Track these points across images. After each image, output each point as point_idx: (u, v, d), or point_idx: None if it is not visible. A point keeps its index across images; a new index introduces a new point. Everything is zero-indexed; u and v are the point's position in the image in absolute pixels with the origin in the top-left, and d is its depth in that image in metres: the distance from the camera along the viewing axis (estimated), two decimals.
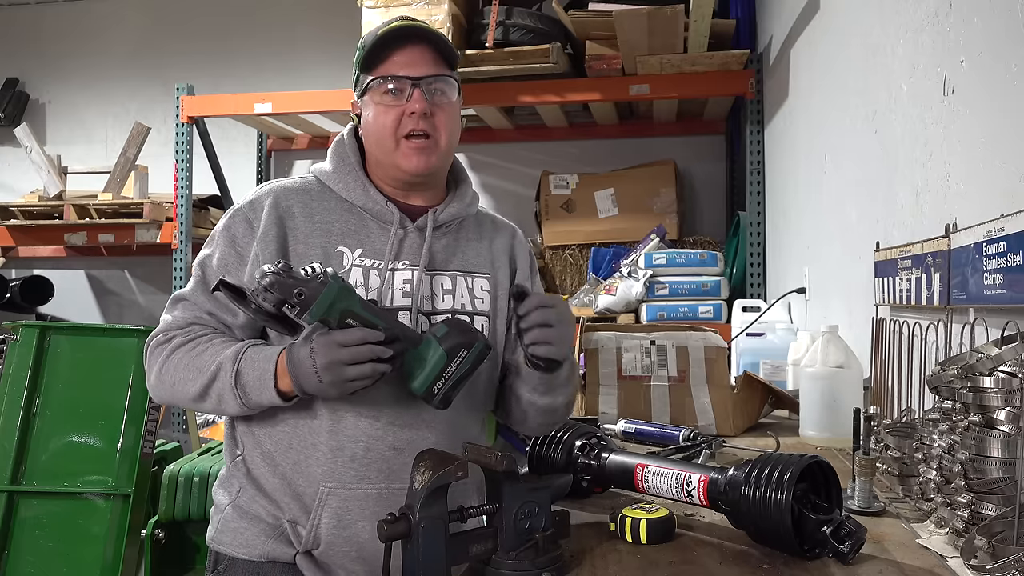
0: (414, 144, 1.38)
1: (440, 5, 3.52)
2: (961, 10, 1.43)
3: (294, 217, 1.39)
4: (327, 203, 1.43)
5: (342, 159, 1.46)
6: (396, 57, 1.37)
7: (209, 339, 1.35)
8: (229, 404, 1.31)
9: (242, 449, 1.42)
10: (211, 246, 1.43)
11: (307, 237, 1.39)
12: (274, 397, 1.28)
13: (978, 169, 1.37)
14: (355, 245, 1.39)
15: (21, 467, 2.83)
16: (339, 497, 1.34)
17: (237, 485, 1.42)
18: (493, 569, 1.04)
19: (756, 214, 3.65)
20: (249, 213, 1.40)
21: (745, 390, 1.99)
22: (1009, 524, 0.95)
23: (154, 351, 1.38)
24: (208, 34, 5.18)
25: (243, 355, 1.30)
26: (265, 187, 1.46)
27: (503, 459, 1.04)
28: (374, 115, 1.40)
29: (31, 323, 3.02)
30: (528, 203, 4.53)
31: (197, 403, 1.35)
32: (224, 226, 1.42)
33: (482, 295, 1.48)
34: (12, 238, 4.60)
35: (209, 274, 1.39)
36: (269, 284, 1.16)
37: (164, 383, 1.36)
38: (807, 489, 1.08)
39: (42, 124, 5.37)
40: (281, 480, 1.37)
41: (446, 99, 1.40)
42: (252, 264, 1.36)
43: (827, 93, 2.47)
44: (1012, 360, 1.02)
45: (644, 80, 3.67)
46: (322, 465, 1.34)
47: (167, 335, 1.37)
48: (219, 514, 1.43)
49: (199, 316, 1.39)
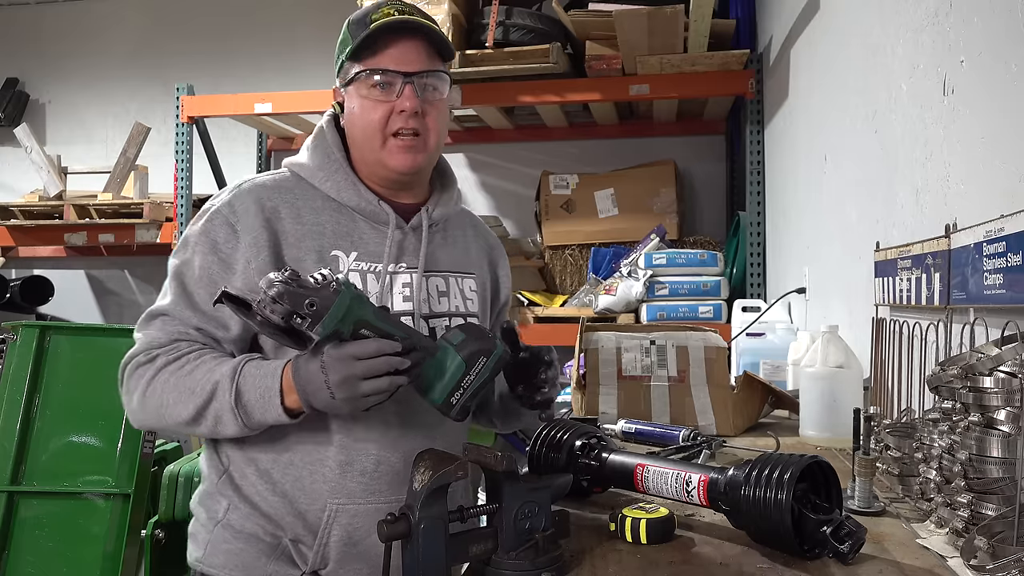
0: (402, 142, 1.30)
1: (440, 5, 3.52)
2: (961, 10, 1.43)
3: (281, 219, 1.29)
4: (313, 202, 1.33)
5: (327, 155, 1.36)
6: (388, 49, 1.29)
7: (198, 356, 1.24)
8: (228, 426, 1.20)
9: (228, 464, 1.33)
10: (186, 252, 1.30)
11: (298, 240, 1.29)
12: (280, 415, 1.18)
13: (978, 169, 1.36)
14: (349, 248, 1.31)
15: (21, 467, 2.83)
16: (349, 514, 1.28)
17: (225, 503, 1.32)
18: (493, 569, 1.04)
19: (756, 214, 3.65)
20: (230, 216, 1.28)
21: (745, 390, 1.99)
22: (1009, 524, 0.95)
23: (134, 373, 1.26)
24: (208, 34, 5.18)
25: (242, 371, 1.19)
26: (242, 186, 1.33)
27: (503, 459, 1.04)
28: (360, 109, 1.31)
29: (31, 323, 3.02)
30: (528, 203, 4.53)
31: (189, 427, 1.23)
32: (202, 231, 1.29)
33: (471, 295, 1.44)
34: (12, 238, 4.60)
35: (191, 284, 1.27)
36: (278, 294, 1.06)
37: (149, 408, 1.24)
38: (807, 489, 1.07)
39: (42, 124, 5.37)
40: (281, 498, 1.29)
41: (438, 95, 1.32)
42: (244, 273, 1.26)
43: (827, 93, 2.47)
44: (1012, 360, 1.02)
45: (644, 80, 3.67)
46: (329, 482, 1.27)
47: (149, 355, 1.25)
48: (206, 533, 1.32)
49: (184, 332, 1.27)
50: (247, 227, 1.27)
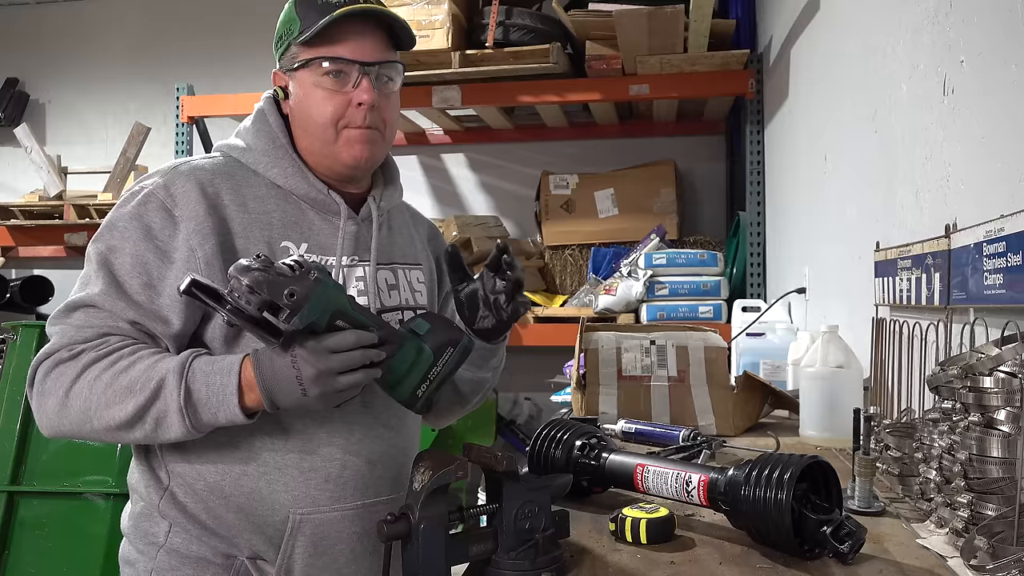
0: (356, 134, 1.23)
1: (440, 5, 3.52)
2: (961, 10, 1.43)
3: (225, 206, 1.19)
4: (257, 190, 1.23)
5: (271, 139, 1.27)
6: (346, 38, 1.20)
7: (133, 352, 1.11)
8: (170, 429, 1.08)
9: (168, 481, 1.21)
10: (112, 237, 1.16)
11: (245, 230, 1.19)
12: (235, 414, 1.07)
13: (978, 169, 1.36)
14: (299, 239, 1.23)
15: (21, 467, 2.84)
16: (314, 523, 1.20)
17: (166, 524, 1.22)
18: (493, 569, 1.04)
19: (756, 214, 3.65)
20: (166, 200, 1.16)
21: (745, 390, 1.99)
22: (1009, 524, 0.95)
23: (51, 372, 1.11)
24: (208, 34, 5.17)
25: (191, 367, 1.08)
26: (177, 167, 1.22)
27: (503, 459, 1.04)
28: (310, 99, 1.23)
29: (31, 323, 3.03)
30: (528, 203, 4.53)
31: (119, 432, 1.10)
32: (133, 214, 1.16)
33: (419, 287, 1.38)
34: (12, 238, 4.60)
35: (122, 273, 1.14)
36: (254, 282, 0.98)
37: (71, 411, 1.10)
38: (807, 489, 1.07)
39: (42, 124, 5.37)
40: (236, 513, 1.19)
41: (392, 87, 1.26)
42: (187, 262, 1.14)
43: (827, 93, 2.47)
44: (1012, 360, 1.02)
45: (644, 80, 3.67)
46: (292, 491, 1.19)
47: (71, 350, 1.10)
48: (147, 561, 1.21)
49: (114, 326, 1.13)
50: (188, 214, 1.16)
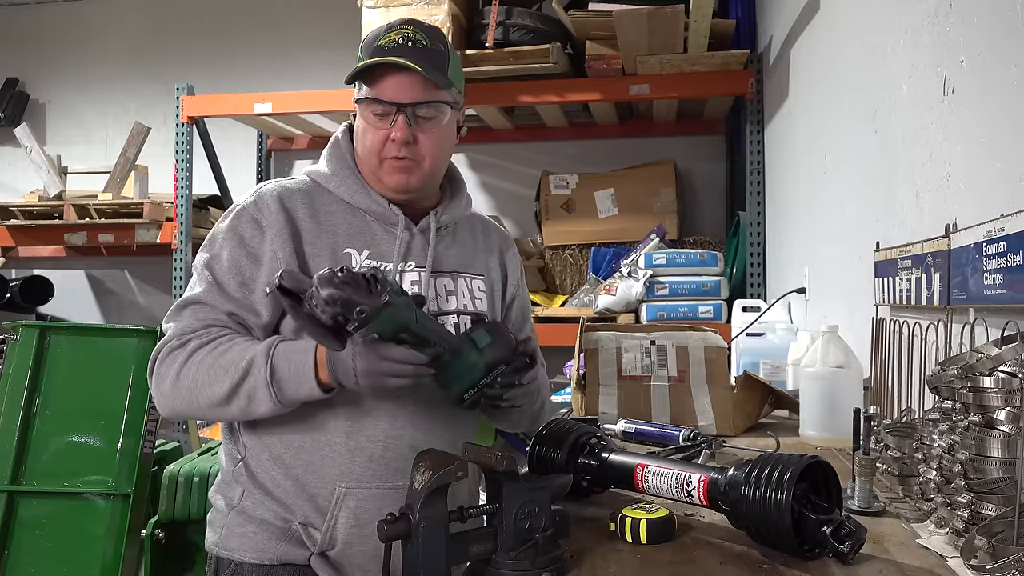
0: (393, 164, 1.39)
1: (440, 5, 3.52)
2: (961, 10, 1.43)
3: (300, 218, 1.39)
4: (329, 205, 1.43)
5: (340, 161, 1.46)
6: (386, 79, 1.36)
7: (230, 339, 1.32)
8: (261, 403, 1.27)
9: (244, 453, 1.41)
10: (214, 247, 1.39)
11: (315, 238, 1.39)
12: (313, 389, 1.25)
13: (978, 169, 1.37)
14: (362, 247, 1.41)
15: (21, 467, 2.83)
16: (356, 497, 1.35)
17: (240, 489, 1.40)
18: (493, 569, 1.04)
19: (756, 214, 3.65)
20: (255, 213, 1.38)
21: (745, 390, 1.99)
22: (1009, 524, 0.95)
23: (167, 358, 1.32)
24: (208, 34, 5.17)
25: (275, 349, 1.27)
26: (265, 187, 1.44)
27: (503, 459, 1.04)
28: (363, 130, 1.41)
29: (31, 323, 3.02)
30: (528, 203, 4.53)
31: (221, 407, 1.30)
32: (229, 227, 1.39)
33: (480, 295, 1.51)
34: (12, 238, 4.60)
35: (221, 275, 1.36)
36: (331, 298, 1.08)
37: (182, 389, 1.30)
38: (807, 489, 1.07)
39: (42, 124, 5.37)
40: (293, 482, 1.36)
41: (433, 124, 1.39)
42: (270, 263, 1.35)
43: (827, 93, 2.47)
44: (1012, 360, 1.02)
45: (644, 80, 3.67)
46: (338, 466, 1.35)
47: (182, 339, 1.32)
48: (222, 519, 1.41)
49: (217, 318, 1.35)
50: (271, 222, 1.37)
